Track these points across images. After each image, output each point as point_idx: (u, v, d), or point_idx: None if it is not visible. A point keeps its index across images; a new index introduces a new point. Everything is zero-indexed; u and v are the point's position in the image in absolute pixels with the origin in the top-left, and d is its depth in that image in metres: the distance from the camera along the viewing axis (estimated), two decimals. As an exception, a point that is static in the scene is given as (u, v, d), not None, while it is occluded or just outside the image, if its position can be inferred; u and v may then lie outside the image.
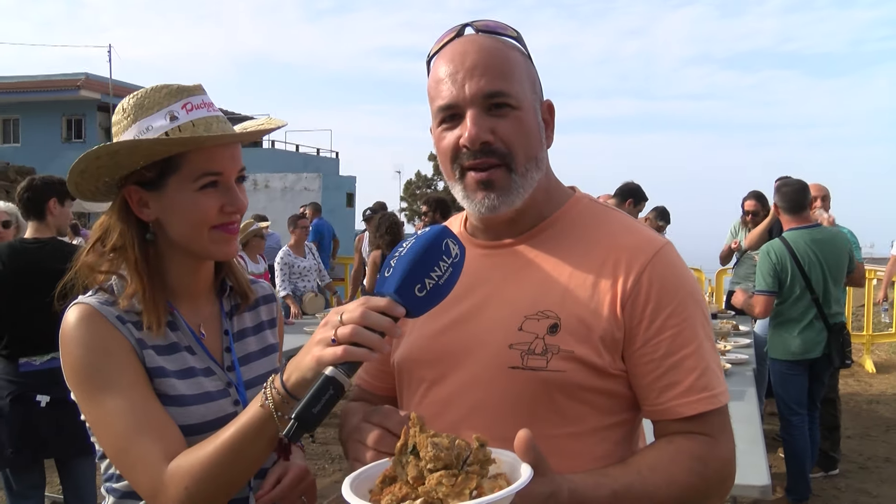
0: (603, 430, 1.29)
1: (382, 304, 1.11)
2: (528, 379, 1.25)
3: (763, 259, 4.89)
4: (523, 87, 1.30)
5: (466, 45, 1.30)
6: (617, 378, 1.28)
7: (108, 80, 30.22)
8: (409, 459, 1.04)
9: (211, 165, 1.36)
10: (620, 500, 1.15)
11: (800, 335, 4.84)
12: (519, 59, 1.32)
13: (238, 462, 1.23)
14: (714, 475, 1.25)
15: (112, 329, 1.34)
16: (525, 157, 1.29)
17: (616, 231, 1.34)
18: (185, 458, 1.25)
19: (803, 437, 4.88)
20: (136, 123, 1.36)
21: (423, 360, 1.37)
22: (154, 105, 1.35)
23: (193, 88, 1.39)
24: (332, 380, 1.09)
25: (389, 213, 7.84)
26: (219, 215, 1.39)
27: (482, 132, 1.25)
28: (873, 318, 10.26)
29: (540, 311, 1.27)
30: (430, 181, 39.63)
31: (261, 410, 1.20)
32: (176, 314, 1.44)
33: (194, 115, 1.35)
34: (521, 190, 1.30)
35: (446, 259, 1.14)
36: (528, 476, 1.00)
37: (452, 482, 0.99)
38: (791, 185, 4.94)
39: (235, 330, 1.56)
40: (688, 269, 1.35)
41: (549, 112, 1.38)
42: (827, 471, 5.44)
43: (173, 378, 1.37)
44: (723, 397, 1.27)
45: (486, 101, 1.26)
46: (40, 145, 29.69)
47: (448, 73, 1.28)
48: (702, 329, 1.28)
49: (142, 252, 1.40)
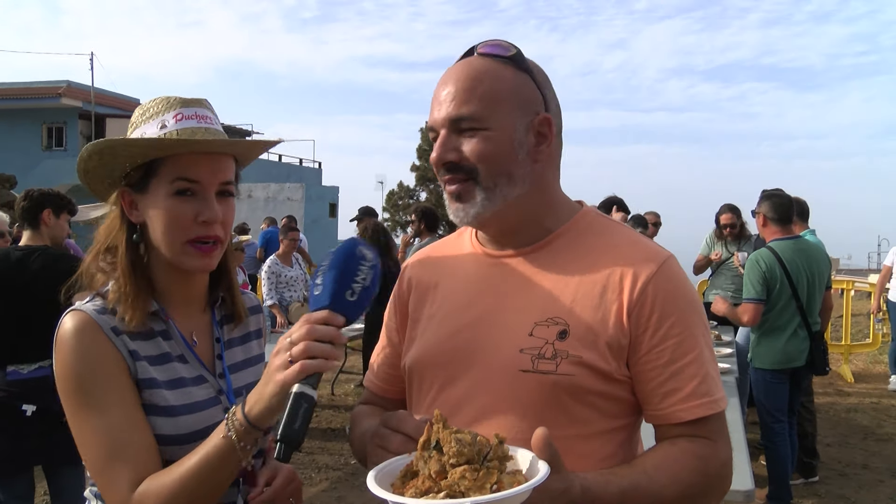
0: (608, 433, 1.35)
1: (323, 317, 1.20)
2: (538, 382, 1.30)
3: (752, 267, 4.95)
4: (500, 108, 1.35)
5: (458, 69, 1.38)
6: (622, 383, 1.34)
7: (89, 88, 30.02)
8: (432, 454, 1.10)
9: (187, 172, 1.38)
10: (628, 498, 1.22)
11: (785, 344, 4.91)
12: (504, 77, 1.36)
13: (200, 490, 1.27)
14: (715, 474, 1.33)
15: (106, 342, 1.35)
16: (492, 173, 1.35)
17: (622, 243, 1.41)
18: (152, 482, 1.28)
19: (785, 444, 4.96)
20: (136, 130, 1.42)
21: (435, 363, 1.42)
22: (153, 114, 1.41)
23: (192, 101, 1.44)
24: (302, 395, 1.16)
25: (378, 222, 7.87)
26: (193, 225, 1.39)
27: (445, 152, 1.36)
28: (852, 328, 10.42)
29: (549, 318, 1.33)
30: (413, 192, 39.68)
31: (223, 441, 1.24)
32: (170, 323, 1.46)
33: (182, 125, 1.40)
34: (488, 203, 1.36)
35: (364, 263, 1.25)
36: (545, 472, 1.06)
37: (474, 477, 1.04)
38: (781, 197, 5.03)
39: (225, 338, 1.59)
40: (689, 281, 1.42)
41: (546, 124, 1.39)
42: (807, 478, 5.52)
43: (163, 389, 1.39)
44: (722, 403, 1.34)
45: (454, 124, 1.35)
46: (20, 153, 29.36)
47: (434, 99, 1.39)
48: (702, 338, 1.36)
49: (129, 252, 1.43)
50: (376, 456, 1.23)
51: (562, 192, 1.48)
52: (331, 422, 7.14)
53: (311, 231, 18.02)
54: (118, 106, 32.42)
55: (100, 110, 30.69)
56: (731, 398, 4.07)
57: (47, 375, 3.66)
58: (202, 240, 1.40)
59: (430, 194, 38.16)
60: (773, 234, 5.03)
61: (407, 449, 1.20)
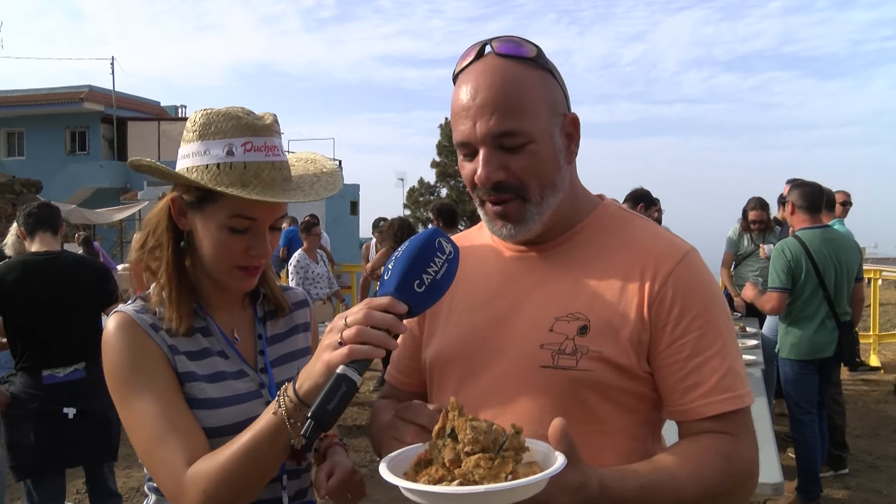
0: (628, 429, 1.33)
1: (385, 303, 1.16)
2: (558, 378, 1.29)
3: (777, 256, 4.90)
4: (537, 115, 1.30)
5: (481, 75, 1.30)
6: (643, 379, 1.32)
7: (111, 93, 30.35)
8: (447, 442, 1.08)
9: (246, 210, 1.39)
10: (647, 495, 1.19)
11: (813, 334, 4.85)
12: (534, 83, 1.31)
13: (253, 468, 1.27)
14: (739, 473, 1.29)
15: (145, 337, 1.40)
16: (540, 187, 1.32)
17: (643, 237, 1.39)
18: (204, 462, 1.29)
19: (814, 436, 4.90)
20: (199, 142, 1.38)
21: (456, 358, 1.41)
22: (219, 132, 1.37)
23: (262, 128, 1.40)
24: (343, 377, 1.13)
25: (406, 219, 7.87)
26: (243, 256, 1.42)
27: (492, 172, 1.30)
28: (880, 318, 10.28)
29: (570, 314, 1.32)
30: (433, 188, 39.66)
31: (274, 418, 1.24)
32: (209, 320, 1.49)
33: (249, 157, 1.37)
34: (538, 217, 1.34)
35: (441, 255, 1.21)
36: (561, 463, 1.04)
37: (489, 465, 1.03)
38: (811, 186, 4.98)
39: (269, 334, 1.60)
40: (711, 274, 1.39)
41: (574, 125, 1.37)
42: (836, 470, 5.45)
43: (203, 382, 1.42)
44: (746, 398, 1.30)
45: (496, 140, 1.29)
46: (45, 158, 29.81)
47: (462, 108, 1.31)
48: (726, 331, 1.33)
49: (174, 254, 1.45)
50: (391, 447, 1.22)
51: (582, 186, 1.47)
52: (355, 419, 7.16)
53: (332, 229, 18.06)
54: (139, 109, 32.79)
55: (121, 114, 31.04)
56: (758, 390, 4.03)
57: (83, 378, 3.74)
58: (248, 268, 1.44)
59: (450, 190, 38.15)
60: (802, 222, 4.97)
61: (421, 439, 1.19)
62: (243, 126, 1.38)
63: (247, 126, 1.38)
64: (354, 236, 27.48)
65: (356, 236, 27.48)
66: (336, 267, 11.70)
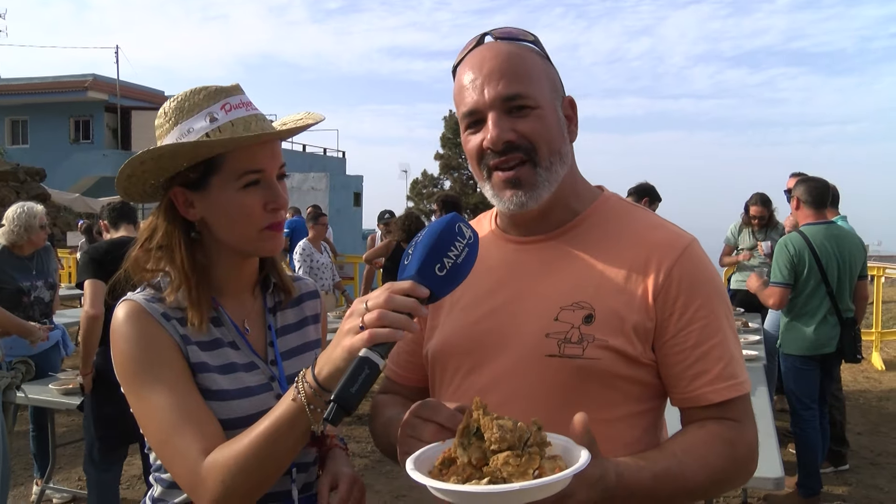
0: (632, 417, 1.35)
1: (406, 287, 1.15)
2: (564, 367, 1.30)
3: (780, 251, 4.91)
4: (542, 87, 1.36)
5: (485, 52, 1.36)
6: (647, 367, 1.34)
7: (115, 81, 30.33)
8: (472, 441, 1.09)
9: (252, 163, 1.39)
10: (660, 483, 1.22)
11: (815, 330, 4.85)
12: (537, 61, 1.38)
13: (272, 455, 1.26)
14: (742, 458, 1.33)
15: (157, 326, 1.38)
16: (549, 151, 1.34)
17: (645, 227, 1.41)
18: (222, 451, 1.27)
19: (815, 432, 4.91)
20: (178, 126, 1.39)
21: (459, 350, 1.41)
22: (194, 107, 1.38)
23: (231, 89, 1.42)
24: (366, 360, 1.11)
25: (416, 214, 7.88)
26: (263, 214, 1.41)
27: (503, 132, 1.32)
28: (883, 315, 10.26)
29: (575, 303, 1.32)
30: (437, 180, 39.63)
31: (293, 404, 1.23)
32: (221, 310, 1.47)
33: (233, 115, 1.38)
34: (547, 184, 1.35)
35: (461, 240, 1.20)
36: (587, 458, 1.05)
37: (517, 462, 1.04)
38: (817, 181, 4.98)
39: (279, 325, 1.58)
40: (712, 265, 1.42)
41: (571, 107, 1.43)
42: (837, 466, 5.46)
43: (215, 373, 1.41)
44: (747, 385, 1.34)
45: (505, 103, 1.32)
46: (49, 146, 29.85)
47: (469, 80, 1.35)
48: (726, 321, 1.36)
49: (187, 251, 1.43)
50: (408, 445, 1.22)
51: (582, 176, 1.49)
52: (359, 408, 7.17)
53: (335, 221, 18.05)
54: (143, 98, 32.75)
55: (125, 103, 31.03)
56: (759, 385, 4.03)
57: None
58: (272, 225, 1.43)
59: (454, 182, 38.12)
60: (806, 217, 4.96)
61: (440, 437, 1.19)
62: (214, 93, 1.39)
63: (217, 91, 1.40)
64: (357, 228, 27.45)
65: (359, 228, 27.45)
66: (339, 258, 11.69)
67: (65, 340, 5.16)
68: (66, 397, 4.29)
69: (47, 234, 4.95)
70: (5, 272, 4.67)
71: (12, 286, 4.68)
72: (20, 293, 4.70)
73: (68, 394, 4.30)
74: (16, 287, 4.69)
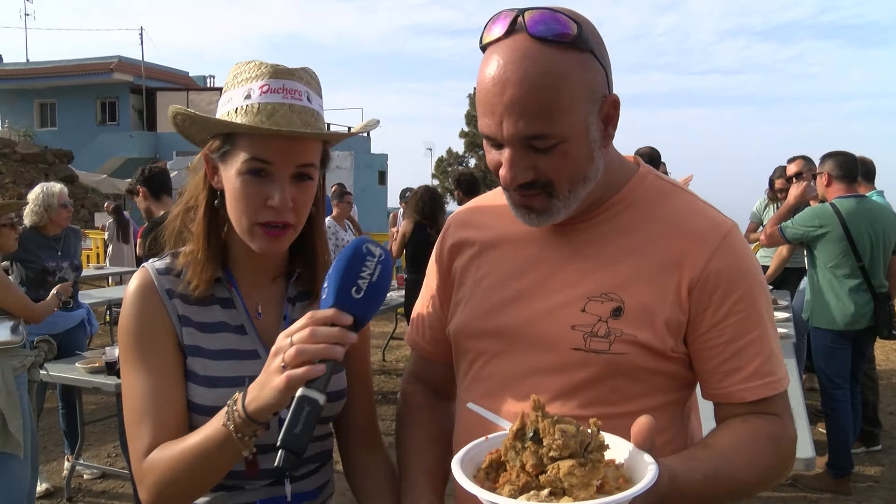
0: (659, 408, 1.28)
1: (328, 315, 1.13)
2: (590, 361, 1.24)
3: (807, 215, 4.82)
4: (572, 111, 1.17)
5: (509, 68, 1.15)
6: (677, 360, 1.27)
7: (140, 63, 30.53)
8: (528, 445, 1.02)
9: (259, 152, 1.30)
10: (710, 484, 1.16)
11: (846, 304, 4.74)
12: (571, 75, 1.16)
13: (201, 469, 1.24)
14: (785, 454, 1.27)
15: (158, 306, 1.36)
16: (570, 184, 1.23)
17: (682, 212, 1.31)
18: (159, 454, 1.27)
19: (846, 412, 4.81)
20: (227, 93, 1.36)
21: (480, 333, 1.36)
22: (241, 80, 1.34)
23: (283, 71, 1.33)
24: (304, 398, 1.09)
25: (433, 188, 7.77)
26: (262, 209, 1.31)
27: (519, 174, 1.20)
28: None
29: (604, 294, 1.25)
30: (462, 158, 39.49)
31: (222, 429, 1.20)
32: (234, 292, 1.42)
33: (265, 99, 1.30)
34: (564, 210, 1.25)
35: (371, 258, 1.19)
36: (654, 474, 0.99)
37: (581, 473, 0.97)
38: (846, 155, 4.87)
39: (295, 316, 1.45)
40: (752, 253, 1.32)
41: (613, 106, 1.24)
42: (869, 446, 5.37)
43: (207, 358, 1.37)
44: (784, 381, 1.27)
45: (524, 141, 1.18)
46: (76, 128, 30.19)
47: (487, 101, 1.19)
48: (766, 313, 1.28)
49: (206, 214, 1.39)
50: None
51: (616, 155, 1.34)
52: (382, 387, 7.20)
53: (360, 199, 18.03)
54: (168, 79, 32.96)
55: (150, 84, 31.23)
56: (790, 362, 3.95)
57: None
58: (271, 224, 1.33)
59: (479, 160, 37.97)
60: (838, 192, 4.83)
61: None
62: (264, 70, 1.33)
63: (267, 70, 1.33)
64: (382, 206, 27.50)
65: (384, 206, 27.50)
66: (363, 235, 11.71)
67: (90, 319, 5.22)
68: (92, 376, 4.34)
69: (70, 213, 4.99)
70: (31, 252, 4.72)
71: (38, 266, 4.74)
72: (45, 273, 4.75)
73: (94, 372, 4.36)
74: (41, 267, 4.74)
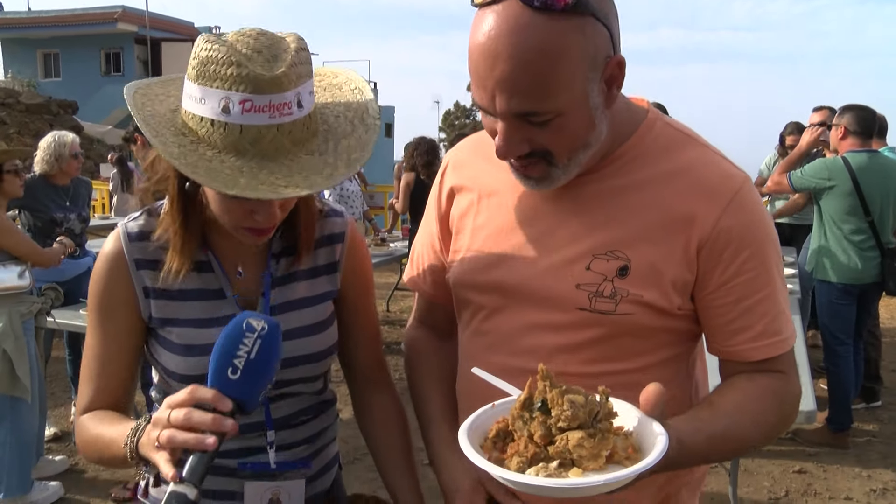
0: (664, 363, 1.28)
1: (209, 397, 1.08)
2: (595, 321, 1.22)
3: (817, 166, 4.78)
4: (570, 85, 1.09)
5: (500, 41, 1.06)
6: (683, 317, 1.26)
7: (144, 13, 30.12)
8: (536, 415, 1.00)
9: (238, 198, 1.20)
10: (715, 444, 1.17)
11: (853, 259, 4.73)
12: (568, 45, 1.06)
13: (109, 459, 1.30)
14: (788, 411, 1.28)
15: (125, 275, 1.34)
16: (568, 152, 1.17)
17: (692, 164, 1.24)
18: (87, 422, 1.34)
19: (848, 367, 4.83)
20: (197, 85, 1.16)
21: (480, 286, 1.33)
22: (217, 78, 1.13)
23: (267, 82, 1.12)
24: (175, 494, 1.04)
25: (430, 139, 7.75)
26: (247, 218, 1.24)
27: (513, 148, 1.15)
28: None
29: (609, 251, 1.21)
30: (469, 111, 39.21)
31: (123, 447, 1.19)
32: (210, 255, 1.35)
33: (248, 120, 1.13)
34: (564, 176, 1.21)
35: (250, 334, 1.10)
36: (664, 445, 0.98)
37: (591, 444, 0.96)
38: (865, 110, 4.80)
39: (280, 273, 1.40)
40: (764, 208, 1.28)
41: (619, 67, 1.15)
42: (869, 402, 5.42)
43: (183, 327, 1.33)
44: (791, 340, 1.26)
45: (517, 117, 1.12)
46: (80, 79, 29.90)
47: (478, 73, 1.11)
48: (776, 270, 1.25)
49: (179, 201, 1.29)
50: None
51: (623, 100, 1.26)
52: (386, 337, 7.25)
53: (365, 153, 17.95)
54: (173, 30, 32.50)
55: (155, 34, 30.83)
56: (795, 317, 3.95)
57: None
58: (255, 229, 1.27)
59: (484, 115, 37.68)
60: (851, 146, 4.77)
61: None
62: (244, 78, 1.11)
63: (248, 78, 1.11)
64: (389, 158, 27.35)
65: (391, 158, 27.34)
66: (369, 187, 11.69)
67: None
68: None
69: (80, 164, 4.98)
70: (40, 201, 4.72)
71: (46, 216, 4.75)
72: (53, 223, 4.76)
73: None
74: (49, 217, 4.75)
